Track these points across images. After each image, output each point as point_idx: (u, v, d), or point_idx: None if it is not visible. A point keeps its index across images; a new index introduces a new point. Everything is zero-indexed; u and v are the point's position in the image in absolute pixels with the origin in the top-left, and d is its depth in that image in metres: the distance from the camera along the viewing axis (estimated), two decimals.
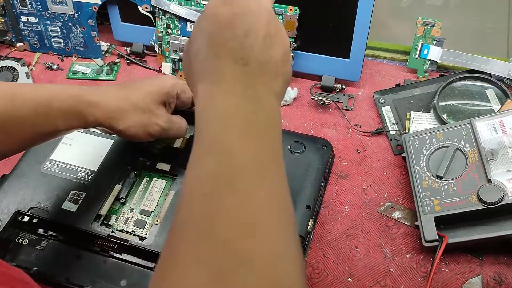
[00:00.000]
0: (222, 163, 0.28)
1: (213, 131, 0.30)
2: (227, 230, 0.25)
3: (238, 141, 0.29)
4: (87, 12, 0.71)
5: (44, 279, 0.48)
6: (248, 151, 0.28)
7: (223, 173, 0.27)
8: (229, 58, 0.31)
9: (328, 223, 0.54)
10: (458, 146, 0.50)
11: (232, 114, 0.30)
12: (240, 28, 0.32)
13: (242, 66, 0.31)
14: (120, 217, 0.51)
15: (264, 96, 0.32)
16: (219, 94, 0.31)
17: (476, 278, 0.48)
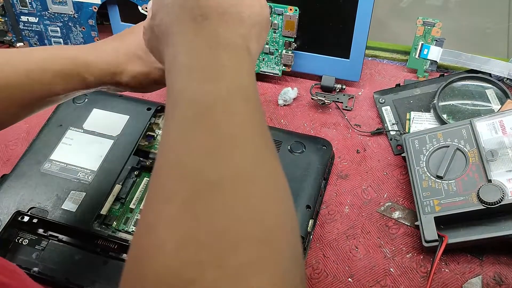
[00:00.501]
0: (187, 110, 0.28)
1: (178, 86, 0.30)
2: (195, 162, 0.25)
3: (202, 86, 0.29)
4: (87, 12, 0.71)
5: (44, 279, 0.48)
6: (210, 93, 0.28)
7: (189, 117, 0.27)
8: (188, 18, 0.32)
9: (328, 223, 0.54)
10: (458, 146, 0.50)
11: (196, 66, 0.30)
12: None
13: (202, 21, 0.31)
14: (120, 217, 0.51)
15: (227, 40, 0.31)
16: (182, 51, 0.31)
17: (476, 278, 0.48)
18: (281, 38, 0.65)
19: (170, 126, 0.28)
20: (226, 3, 0.32)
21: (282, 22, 0.64)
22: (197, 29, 0.31)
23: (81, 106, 0.61)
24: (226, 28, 0.32)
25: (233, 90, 0.29)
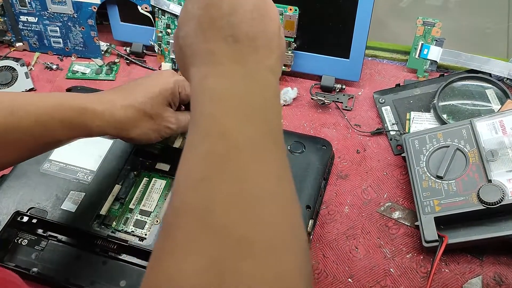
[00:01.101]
0: (216, 145, 0.27)
1: (207, 113, 0.29)
2: (224, 215, 0.24)
3: (232, 121, 0.28)
4: (86, 12, 0.71)
5: (44, 279, 0.48)
6: (243, 131, 0.28)
7: (217, 155, 0.27)
8: (218, 37, 0.31)
9: (328, 223, 0.54)
10: (458, 146, 0.50)
11: (225, 94, 0.29)
12: (226, 5, 0.31)
13: (232, 43, 0.31)
14: (120, 217, 0.51)
15: (259, 73, 0.31)
16: (211, 75, 0.30)
17: (476, 279, 0.48)
18: None
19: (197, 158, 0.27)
20: (256, 28, 0.32)
21: (282, 22, 0.64)
22: (228, 52, 0.31)
23: None
24: (256, 57, 0.31)
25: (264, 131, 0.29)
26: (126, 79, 0.72)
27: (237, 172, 0.26)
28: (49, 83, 0.72)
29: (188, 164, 0.28)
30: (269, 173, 0.27)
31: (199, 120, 0.29)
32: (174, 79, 0.50)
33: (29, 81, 0.71)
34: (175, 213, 0.26)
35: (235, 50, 0.31)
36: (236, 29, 0.31)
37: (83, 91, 0.63)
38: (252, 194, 0.26)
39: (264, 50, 0.32)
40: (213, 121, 0.28)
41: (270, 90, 0.32)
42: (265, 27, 0.32)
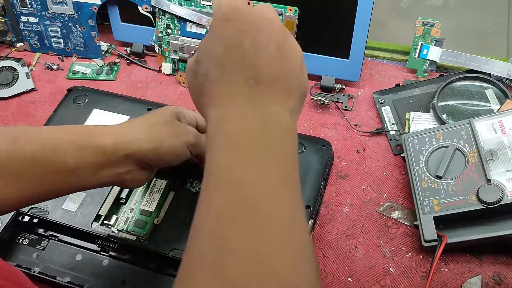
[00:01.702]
0: (231, 197, 0.27)
1: (223, 161, 0.28)
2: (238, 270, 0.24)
3: (249, 170, 0.27)
4: (87, 12, 0.71)
5: (45, 279, 0.48)
6: (260, 181, 0.27)
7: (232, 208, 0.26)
8: (239, 79, 0.30)
9: (327, 223, 0.54)
10: (457, 146, 0.51)
11: (242, 141, 0.29)
12: (249, 45, 0.30)
13: (253, 86, 0.30)
14: (120, 217, 0.51)
15: (278, 116, 0.30)
16: (229, 119, 0.30)
17: (475, 278, 0.48)
18: None
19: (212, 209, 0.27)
20: (278, 69, 0.31)
21: (282, 22, 0.64)
22: (248, 95, 0.30)
23: (81, 106, 0.61)
24: (276, 100, 0.31)
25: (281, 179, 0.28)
26: (126, 79, 0.72)
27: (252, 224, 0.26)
28: (49, 83, 0.73)
29: (204, 213, 0.27)
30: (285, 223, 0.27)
31: (215, 166, 0.29)
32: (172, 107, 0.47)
33: (30, 81, 0.72)
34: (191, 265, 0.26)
35: (255, 93, 0.30)
36: (258, 70, 0.30)
37: (84, 91, 0.63)
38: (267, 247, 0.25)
39: (285, 91, 0.31)
40: (229, 170, 0.28)
41: (289, 134, 0.31)
42: (287, 67, 0.32)
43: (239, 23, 0.31)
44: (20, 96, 0.71)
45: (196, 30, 0.67)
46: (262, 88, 0.30)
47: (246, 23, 0.31)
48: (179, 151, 0.44)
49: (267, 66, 0.31)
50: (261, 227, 0.26)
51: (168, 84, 0.71)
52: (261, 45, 0.31)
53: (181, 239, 0.48)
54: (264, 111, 0.30)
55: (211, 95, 0.31)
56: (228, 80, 0.31)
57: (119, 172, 0.41)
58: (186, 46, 0.68)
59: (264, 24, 0.32)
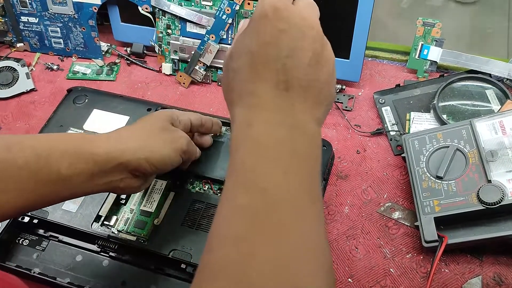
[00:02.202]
0: (255, 201, 0.26)
1: (248, 164, 0.28)
2: (260, 278, 0.24)
3: (273, 176, 0.27)
4: (87, 13, 0.71)
5: (45, 280, 0.48)
6: (284, 188, 0.27)
7: (256, 213, 0.26)
8: (270, 80, 0.30)
9: (328, 223, 0.54)
10: (458, 147, 0.51)
11: (269, 146, 0.28)
12: (285, 46, 0.30)
13: (283, 91, 0.30)
14: (120, 217, 0.51)
15: (305, 125, 0.30)
16: (256, 122, 0.29)
17: (476, 279, 0.48)
18: None
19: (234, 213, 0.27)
20: (310, 76, 0.30)
21: None
22: (276, 99, 0.29)
23: (81, 106, 0.61)
24: (305, 107, 0.30)
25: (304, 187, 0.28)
26: (126, 79, 0.72)
27: (275, 233, 0.25)
28: (49, 83, 0.73)
29: (226, 218, 0.27)
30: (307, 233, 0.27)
31: (239, 170, 0.28)
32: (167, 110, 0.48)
33: (30, 81, 0.72)
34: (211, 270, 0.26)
35: (284, 98, 0.30)
36: (290, 75, 0.30)
37: (84, 91, 0.63)
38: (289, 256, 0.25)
39: (314, 101, 0.31)
40: (253, 174, 0.27)
41: (314, 142, 0.30)
42: (319, 76, 0.31)
43: (278, 21, 0.30)
44: (20, 96, 0.71)
45: (196, 30, 0.67)
46: (292, 94, 0.30)
47: (288, 23, 0.30)
48: (171, 158, 0.44)
49: (301, 72, 0.30)
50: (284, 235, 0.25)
51: (168, 85, 0.71)
52: (298, 50, 0.30)
53: (181, 239, 0.48)
54: (292, 118, 0.29)
55: (240, 93, 0.31)
56: (259, 80, 0.30)
57: (112, 180, 0.41)
58: (186, 46, 0.68)
59: (303, 26, 0.31)
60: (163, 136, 0.43)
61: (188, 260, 0.46)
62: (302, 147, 0.29)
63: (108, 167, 0.40)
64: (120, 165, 0.40)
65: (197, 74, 0.69)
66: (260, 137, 0.29)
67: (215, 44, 0.66)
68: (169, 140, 0.44)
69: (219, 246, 0.26)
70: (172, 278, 0.48)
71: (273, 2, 0.31)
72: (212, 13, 0.65)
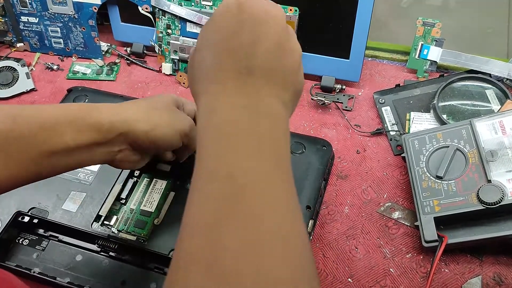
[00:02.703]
0: (223, 187, 0.26)
1: (213, 151, 0.28)
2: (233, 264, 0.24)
3: (239, 161, 0.27)
4: (87, 13, 0.71)
5: (45, 279, 0.48)
6: (250, 172, 0.27)
7: (225, 198, 0.26)
8: (233, 67, 0.30)
9: (328, 223, 0.54)
10: (458, 147, 0.51)
11: (233, 131, 0.28)
12: (247, 36, 0.30)
13: (246, 76, 0.30)
14: (120, 217, 0.51)
15: (269, 107, 0.30)
16: (220, 108, 0.29)
17: (476, 279, 0.48)
18: None
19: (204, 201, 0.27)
20: (274, 63, 0.31)
21: None
22: (240, 85, 0.30)
23: None
24: (269, 92, 0.30)
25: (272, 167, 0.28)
26: (126, 79, 0.72)
27: (245, 217, 0.25)
28: (50, 83, 0.73)
29: (195, 207, 0.27)
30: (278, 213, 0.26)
31: (205, 159, 0.28)
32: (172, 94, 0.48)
33: (30, 81, 0.72)
34: (184, 260, 0.25)
35: (247, 83, 0.30)
36: (252, 61, 0.30)
37: (84, 91, 0.63)
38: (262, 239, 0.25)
39: (279, 86, 0.31)
40: (220, 160, 0.27)
41: (280, 124, 0.30)
42: (284, 63, 0.31)
43: (240, 14, 0.31)
44: (20, 96, 0.71)
45: (196, 30, 0.67)
46: (255, 79, 0.30)
47: (247, 14, 0.31)
48: (172, 138, 0.44)
49: (262, 58, 0.30)
50: (255, 221, 0.25)
51: (168, 84, 0.71)
52: (259, 38, 0.31)
53: None
54: (255, 100, 0.30)
55: (204, 82, 0.31)
56: (221, 68, 0.30)
57: (112, 150, 0.41)
58: (186, 46, 0.68)
59: (266, 18, 0.32)
60: (167, 114, 0.44)
61: None
62: (268, 130, 0.29)
63: (110, 137, 0.40)
64: (121, 135, 0.41)
65: None
66: (223, 122, 0.29)
67: None
68: (172, 119, 0.44)
69: (190, 235, 0.26)
70: None
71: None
72: (212, 13, 0.65)
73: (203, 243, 0.25)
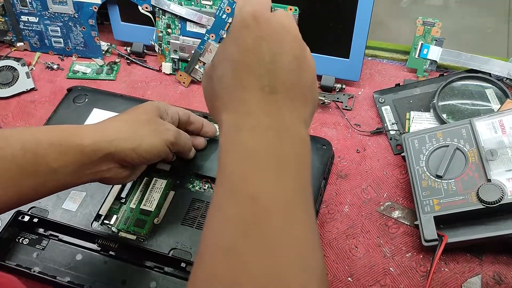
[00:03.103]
0: (246, 211, 0.26)
1: (237, 171, 0.28)
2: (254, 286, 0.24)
3: (264, 184, 0.27)
4: (87, 12, 0.71)
5: (45, 279, 0.48)
6: (275, 196, 0.26)
7: (246, 222, 0.26)
8: (255, 85, 0.30)
9: (328, 222, 0.54)
10: (457, 146, 0.51)
11: (258, 152, 0.28)
12: (266, 52, 0.30)
13: (269, 94, 0.30)
14: (120, 216, 0.51)
15: (293, 127, 0.30)
16: (244, 128, 0.29)
17: (475, 278, 0.48)
18: None
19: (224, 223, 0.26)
20: (294, 79, 0.31)
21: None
22: (263, 103, 0.29)
23: (81, 106, 0.61)
24: (291, 110, 0.30)
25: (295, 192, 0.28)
26: (126, 79, 0.72)
27: (267, 242, 0.25)
28: (50, 83, 0.73)
29: (216, 228, 0.27)
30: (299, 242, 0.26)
31: (228, 178, 0.28)
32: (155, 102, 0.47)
33: (30, 81, 0.72)
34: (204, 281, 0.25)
35: (271, 102, 0.30)
36: (274, 79, 0.30)
37: (84, 91, 0.63)
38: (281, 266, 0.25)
39: (300, 102, 0.31)
40: (243, 181, 0.27)
41: (303, 146, 0.30)
42: (302, 79, 0.31)
43: (257, 29, 0.31)
44: (20, 95, 0.71)
45: (197, 30, 0.67)
46: (277, 97, 0.30)
47: (265, 30, 0.31)
48: (159, 149, 0.44)
49: (283, 75, 0.30)
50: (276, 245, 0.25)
51: (168, 84, 0.71)
52: (280, 54, 0.31)
53: (181, 238, 0.48)
54: (280, 121, 0.29)
55: (225, 100, 0.31)
56: (244, 86, 0.30)
57: (100, 170, 0.41)
58: (186, 46, 0.68)
59: (282, 32, 0.32)
60: (150, 127, 0.44)
61: (188, 258, 0.46)
62: (292, 152, 0.29)
63: (96, 158, 0.40)
64: (108, 156, 0.41)
65: (197, 73, 0.69)
66: (249, 142, 0.28)
67: (215, 43, 0.66)
68: (157, 131, 0.44)
69: (210, 257, 0.26)
70: (172, 277, 0.48)
71: (252, 11, 0.31)
72: (212, 12, 0.65)
73: (224, 266, 0.25)
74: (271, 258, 0.25)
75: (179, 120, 0.49)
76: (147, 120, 0.44)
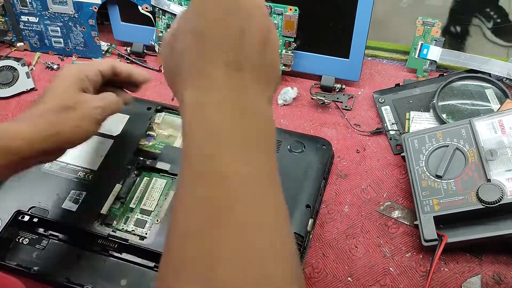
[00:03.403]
0: (215, 191, 0.25)
1: (203, 150, 0.27)
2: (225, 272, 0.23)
3: (231, 161, 0.26)
4: (87, 12, 0.71)
5: (45, 279, 0.48)
6: (244, 175, 0.26)
7: (216, 203, 0.25)
8: (220, 61, 0.28)
9: (327, 222, 0.54)
10: (457, 146, 0.51)
11: (223, 130, 0.27)
12: (234, 27, 0.29)
13: (235, 71, 0.28)
14: (120, 216, 0.51)
15: (259, 103, 0.29)
16: (208, 105, 0.28)
17: (475, 278, 0.48)
18: (281, 38, 0.65)
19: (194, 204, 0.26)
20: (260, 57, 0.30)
21: (282, 22, 0.64)
22: (228, 80, 0.28)
23: None
24: (257, 88, 0.29)
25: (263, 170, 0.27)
26: None
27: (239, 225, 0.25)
28: (50, 83, 0.72)
29: (186, 211, 0.26)
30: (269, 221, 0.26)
31: (193, 157, 0.27)
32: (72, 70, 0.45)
33: (30, 80, 0.72)
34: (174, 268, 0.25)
35: (236, 79, 0.28)
36: (241, 55, 0.29)
37: None
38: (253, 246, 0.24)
39: (264, 80, 0.30)
40: (211, 161, 0.26)
41: (269, 123, 0.30)
42: (267, 57, 0.30)
43: (225, 2, 0.29)
44: (20, 95, 0.71)
45: None
46: (243, 74, 0.29)
47: (234, 3, 0.29)
48: (85, 130, 0.43)
49: (250, 52, 0.29)
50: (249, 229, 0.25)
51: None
52: (248, 30, 0.29)
53: None
54: (245, 98, 0.28)
55: (188, 75, 0.29)
56: (209, 60, 0.29)
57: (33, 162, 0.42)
58: None
59: (251, 8, 0.30)
60: (70, 116, 0.42)
61: None
62: (258, 129, 0.28)
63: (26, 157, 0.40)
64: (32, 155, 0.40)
65: None
66: (214, 118, 0.27)
67: None
68: (79, 118, 0.42)
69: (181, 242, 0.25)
70: None
71: None
72: None
73: (195, 251, 0.24)
74: (244, 242, 0.24)
75: (103, 76, 0.47)
76: (70, 106, 0.42)
